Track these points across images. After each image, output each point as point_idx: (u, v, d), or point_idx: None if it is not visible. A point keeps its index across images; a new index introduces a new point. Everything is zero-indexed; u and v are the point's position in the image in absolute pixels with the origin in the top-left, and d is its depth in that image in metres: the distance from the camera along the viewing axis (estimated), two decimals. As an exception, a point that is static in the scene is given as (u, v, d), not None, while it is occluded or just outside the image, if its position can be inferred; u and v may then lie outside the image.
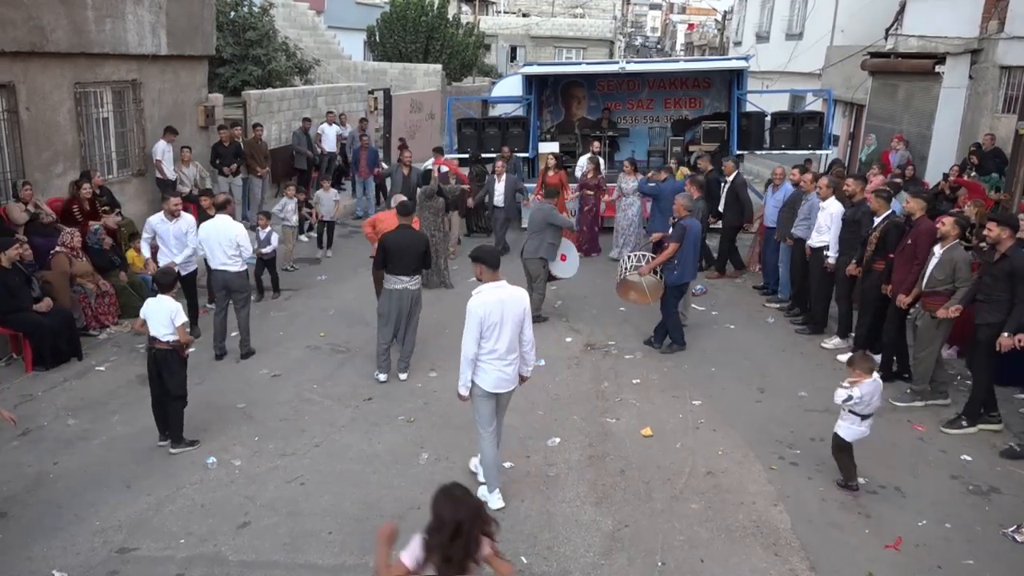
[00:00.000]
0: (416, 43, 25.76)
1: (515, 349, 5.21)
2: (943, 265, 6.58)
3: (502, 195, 11.63)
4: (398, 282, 7.18)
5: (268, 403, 6.91)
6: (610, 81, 15.40)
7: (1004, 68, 11.97)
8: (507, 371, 5.22)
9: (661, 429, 6.49)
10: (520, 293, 5.24)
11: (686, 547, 4.96)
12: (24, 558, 4.78)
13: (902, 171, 11.87)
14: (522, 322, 5.19)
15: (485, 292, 5.12)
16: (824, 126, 13.31)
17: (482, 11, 41.90)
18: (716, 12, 40.49)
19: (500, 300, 5.10)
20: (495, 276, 5.18)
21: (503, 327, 5.09)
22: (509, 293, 5.16)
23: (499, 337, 5.09)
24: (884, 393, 5.71)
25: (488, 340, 5.10)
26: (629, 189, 11.43)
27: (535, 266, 8.87)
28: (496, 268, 5.19)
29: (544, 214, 8.92)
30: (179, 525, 5.11)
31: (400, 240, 7.16)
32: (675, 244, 7.93)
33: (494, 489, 5.37)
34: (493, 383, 5.19)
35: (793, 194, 9.44)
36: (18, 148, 9.11)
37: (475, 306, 5.05)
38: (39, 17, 9.01)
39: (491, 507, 5.17)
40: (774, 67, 20.80)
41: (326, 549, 4.89)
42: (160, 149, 11.17)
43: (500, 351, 5.12)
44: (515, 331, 5.16)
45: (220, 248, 7.57)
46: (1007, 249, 6.17)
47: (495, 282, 5.16)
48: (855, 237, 7.94)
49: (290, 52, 17.23)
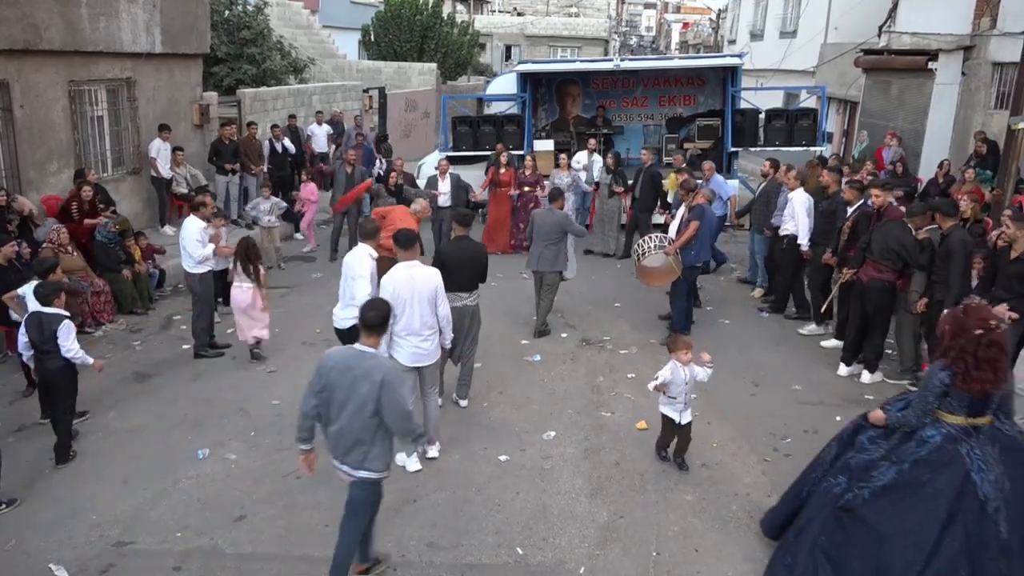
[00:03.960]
0: (411, 42, 25.77)
1: (432, 325, 5.55)
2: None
3: (447, 194, 11.29)
4: (456, 299, 6.21)
5: (264, 399, 6.92)
6: (605, 79, 15.41)
7: (996, 64, 12.04)
8: (423, 346, 5.55)
9: (656, 422, 6.47)
10: (431, 273, 5.57)
11: (680, 538, 4.99)
12: (21, 552, 4.79)
13: (894, 167, 11.95)
14: (434, 300, 5.51)
15: (396, 270, 5.49)
16: (818, 123, 13.34)
17: (477, 10, 41.88)
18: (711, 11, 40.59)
19: (411, 278, 5.46)
20: (408, 256, 5.55)
21: (412, 304, 5.42)
22: (421, 272, 5.51)
23: (411, 314, 5.44)
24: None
25: (400, 317, 5.39)
26: (563, 185, 11.54)
27: (553, 279, 8.44)
28: (407, 248, 5.56)
29: (558, 222, 8.36)
30: (175, 519, 5.13)
31: (459, 253, 6.42)
32: (696, 223, 7.99)
33: (413, 453, 5.68)
34: (409, 357, 5.52)
35: (766, 186, 9.76)
36: (12, 146, 9.11)
37: (386, 282, 5.46)
38: (33, 15, 9.02)
39: (407, 469, 5.65)
40: (768, 65, 20.87)
41: (322, 542, 4.90)
42: (155, 147, 11.17)
43: (414, 327, 5.47)
44: (427, 308, 5.48)
45: (182, 247, 7.67)
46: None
47: (408, 262, 5.53)
48: (830, 228, 8.17)
49: (285, 51, 17.23)
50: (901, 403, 4.31)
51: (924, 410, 4.07)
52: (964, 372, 3.92)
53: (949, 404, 4.03)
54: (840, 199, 8.23)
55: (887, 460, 4.16)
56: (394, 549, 4.84)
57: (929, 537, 3.81)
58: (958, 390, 3.97)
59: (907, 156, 12.87)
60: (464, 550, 4.85)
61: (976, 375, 3.89)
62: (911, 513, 3.91)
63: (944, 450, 3.97)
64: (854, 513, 4.12)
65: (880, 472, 4.13)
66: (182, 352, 7.91)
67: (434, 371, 5.82)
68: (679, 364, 5.60)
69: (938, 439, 4.01)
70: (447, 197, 11.36)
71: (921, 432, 4.10)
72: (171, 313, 9.09)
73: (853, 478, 4.22)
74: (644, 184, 11.29)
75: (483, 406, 6.78)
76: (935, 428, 4.05)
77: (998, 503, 3.81)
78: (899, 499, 3.99)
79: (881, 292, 7.08)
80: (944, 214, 6.82)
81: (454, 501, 5.35)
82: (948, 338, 4.06)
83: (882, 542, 3.94)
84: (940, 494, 3.87)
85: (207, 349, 7.84)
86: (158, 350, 8.04)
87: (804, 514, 4.41)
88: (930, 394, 4.05)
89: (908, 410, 4.17)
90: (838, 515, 4.18)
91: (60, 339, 5.67)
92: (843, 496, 4.20)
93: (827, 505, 4.26)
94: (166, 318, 8.97)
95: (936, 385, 4.02)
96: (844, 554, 4.07)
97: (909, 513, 3.92)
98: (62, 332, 5.67)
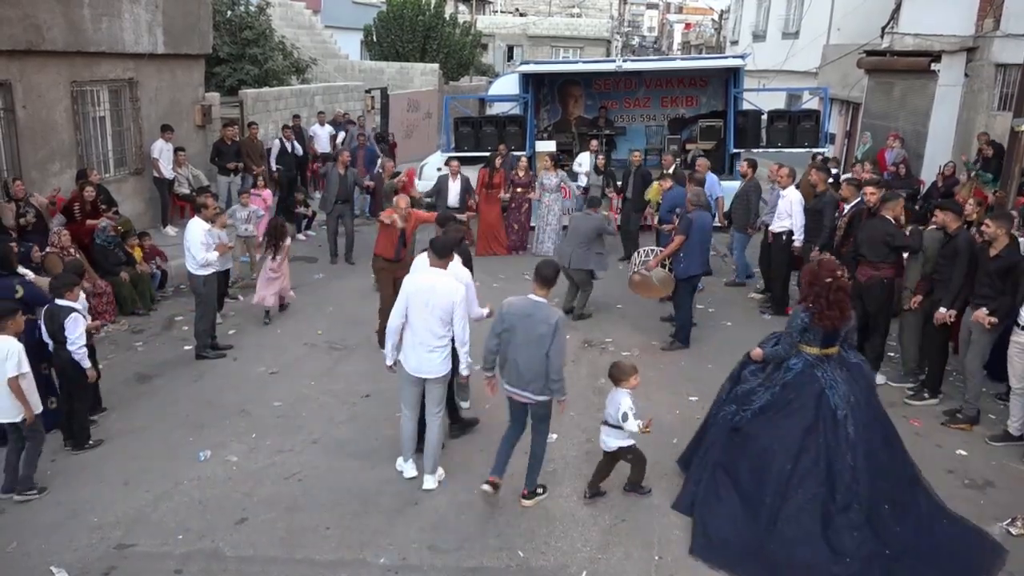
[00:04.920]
0: (413, 42, 25.75)
1: (441, 337, 5.24)
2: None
3: (457, 196, 11.34)
4: None
5: (265, 400, 6.91)
6: (607, 80, 15.40)
7: (999, 66, 12.02)
8: (429, 357, 5.25)
9: (658, 424, 6.44)
10: (453, 287, 5.24)
11: (683, 542, 4.97)
12: (22, 554, 4.79)
13: (896, 169, 11.94)
14: (450, 314, 5.19)
15: (421, 272, 5.37)
16: (820, 124, 13.32)
17: (479, 10, 41.86)
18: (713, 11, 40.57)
19: (431, 286, 5.21)
20: (440, 263, 5.35)
21: (424, 312, 5.17)
22: (444, 285, 5.22)
23: (420, 323, 5.20)
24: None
25: (412, 322, 5.23)
26: (550, 185, 11.53)
27: (581, 276, 8.91)
28: (442, 257, 5.35)
29: (596, 225, 8.84)
30: (177, 521, 5.12)
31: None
32: (681, 237, 7.96)
33: (408, 460, 5.57)
34: (413, 366, 5.30)
35: (745, 185, 10.14)
36: (15, 146, 9.11)
37: (407, 282, 5.32)
38: (35, 15, 9.02)
39: (404, 475, 5.55)
40: (771, 66, 20.85)
41: (324, 544, 4.90)
42: (158, 148, 11.17)
43: (420, 336, 5.22)
44: (438, 323, 5.19)
45: (186, 248, 7.71)
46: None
47: (438, 268, 5.33)
48: (817, 225, 8.52)
49: (287, 51, 17.23)
50: (773, 341, 5.29)
51: (791, 344, 5.05)
52: (819, 312, 4.89)
53: (808, 338, 5.00)
54: (828, 198, 8.55)
55: (763, 386, 5.14)
56: (395, 552, 4.83)
57: (796, 442, 4.81)
58: (814, 326, 4.93)
59: (909, 157, 12.85)
60: (466, 553, 4.84)
61: (828, 314, 4.88)
62: (782, 425, 4.89)
63: (804, 374, 4.96)
64: (741, 431, 5.08)
65: (758, 396, 5.11)
66: (184, 353, 7.90)
67: (440, 389, 5.43)
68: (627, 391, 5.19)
69: (800, 366, 5.00)
70: (456, 198, 11.39)
71: (787, 362, 5.06)
72: (173, 314, 9.09)
73: (739, 404, 5.17)
74: (635, 185, 11.33)
75: (485, 407, 6.76)
76: (798, 358, 5.03)
77: (846, 411, 4.84)
78: (773, 415, 4.98)
79: (880, 289, 7.08)
80: (955, 214, 6.82)
81: (456, 504, 5.34)
82: (806, 286, 5.04)
83: (763, 451, 4.90)
84: (803, 407, 4.88)
85: (209, 350, 7.84)
86: (160, 351, 8.03)
87: (705, 442, 5.37)
88: (794, 331, 5.02)
89: (778, 346, 5.14)
90: (730, 435, 5.13)
91: (67, 330, 5.70)
92: (732, 419, 5.15)
93: (722, 430, 5.19)
94: (168, 319, 8.96)
95: (798, 324, 5.00)
96: (736, 465, 5.02)
97: (780, 425, 4.90)
98: (69, 323, 5.70)
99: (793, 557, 4.58)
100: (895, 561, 4.59)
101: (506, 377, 5.11)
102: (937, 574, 4.59)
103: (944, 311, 6.58)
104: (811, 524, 4.64)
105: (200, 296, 7.73)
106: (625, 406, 5.08)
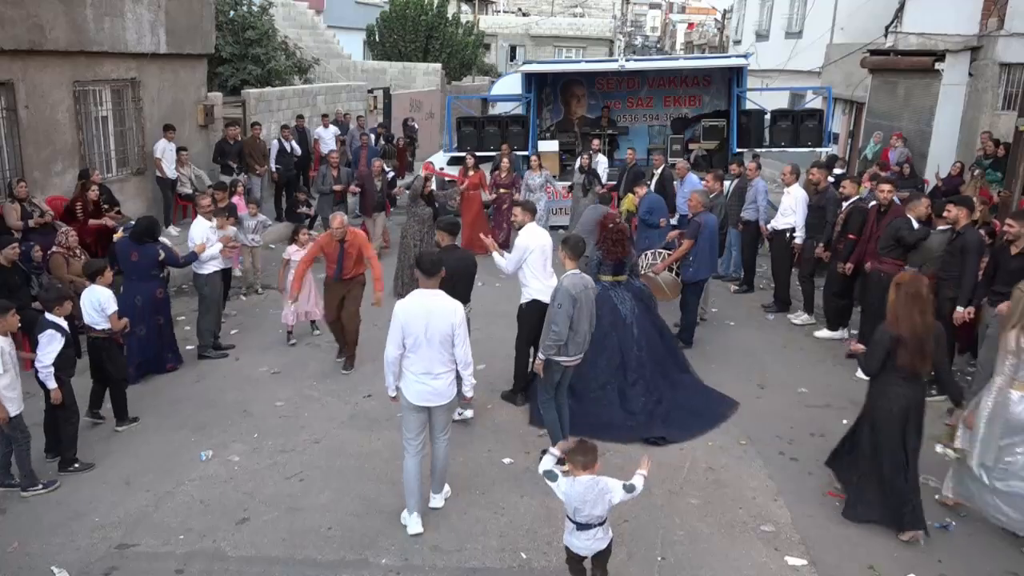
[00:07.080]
0: (416, 42, 25.77)
1: (446, 363, 4.84)
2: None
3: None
4: None
5: (267, 400, 6.91)
6: (610, 79, 15.37)
7: (1004, 65, 11.96)
8: (433, 385, 4.83)
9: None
10: (452, 307, 4.79)
11: (686, 542, 4.96)
12: (23, 554, 4.78)
13: (901, 168, 11.89)
14: (450, 339, 4.78)
15: (412, 297, 4.82)
16: (824, 124, 13.28)
17: (482, 10, 41.92)
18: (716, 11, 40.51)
19: (426, 311, 4.72)
20: (429, 284, 4.83)
21: (424, 341, 4.73)
22: (439, 304, 4.77)
23: (420, 352, 4.75)
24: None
25: (411, 352, 4.78)
26: (535, 185, 11.48)
27: (586, 261, 8.88)
28: (431, 275, 4.83)
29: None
30: (178, 521, 5.11)
31: (455, 264, 5.97)
32: (689, 241, 7.93)
33: (413, 511, 4.99)
34: (416, 396, 4.86)
35: (738, 182, 10.28)
36: (17, 146, 9.11)
37: (398, 310, 4.76)
38: (38, 15, 9.02)
39: (409, 531, 4.94)
40: (774, 65, 20.78)
41: (325, 545, 4.89)
42: (161, 148, 11.16)
43: (424, 366, 4.79)
44: (441, 349, 4.77)
45: (190, 247, 7.76)
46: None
47: (429, 290, 4.82)
48: (819, 222, 8.68)
49: (289, 51, 17.24)
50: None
51: (594, 275, 6.48)
52: (607, 249, 6.62)
53: (603, 269, 6.72)
54: (830, 195, 8.66)
55: None
56: (398, 552, 4.82)
57: (600, 342, 6.36)
58: (606, 261, 6.67)
59: (913, 157, 12.80)
60: (468, 553, 4.83)
61: (612, 250, 6.60)
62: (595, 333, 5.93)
63: (603, 296, 6.48)
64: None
65: None
66: (186, 353, 7.88)
67: (447, 413, 5.09)
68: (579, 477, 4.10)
69: (599, 290, 6.31)
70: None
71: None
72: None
73: None
74: (628, 183, 11.25)
75: (487, 408, 6.75)
76: (599, 284, 6.41)
77: (632, 319, 6.66)
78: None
79: (878, 281, 7.14)
80: (968, 209, 6.84)
81: (458, 504, 5.32)
82: (598, 234, 6.79)
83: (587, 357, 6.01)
84: (603, 318, 6.34)
85: (211, 350, 7.83)
86: (162, 351, 8.01)
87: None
88: (594, 265, 6.71)
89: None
90: None
91: (40, 345, 5.51)
92: None
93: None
94: (170, 319, 8.93)
95: (596, 260, 6.75)
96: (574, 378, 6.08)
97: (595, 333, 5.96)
98: (43, 339, 5.51)
99: (600, 419, 6.26)
100: (668, 414, 6.48)
101: (566, 350, 5.49)
102: (695, 418, 6.52)
103: (962, 310, 6.59)
104: (612, 396, 6.48)
105: (203, 295, 7.74)
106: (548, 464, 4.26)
